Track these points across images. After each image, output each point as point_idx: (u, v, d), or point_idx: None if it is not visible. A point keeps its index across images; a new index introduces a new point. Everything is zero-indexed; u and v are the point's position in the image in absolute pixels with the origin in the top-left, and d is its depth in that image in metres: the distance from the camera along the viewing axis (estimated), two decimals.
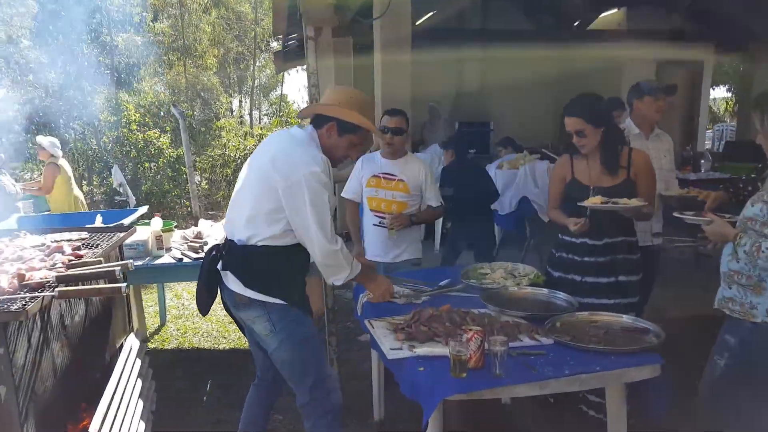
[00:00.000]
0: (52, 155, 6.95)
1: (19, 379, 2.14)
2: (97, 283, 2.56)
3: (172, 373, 4.56)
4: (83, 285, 2.42)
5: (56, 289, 2.25)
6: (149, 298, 6.38)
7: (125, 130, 13.73)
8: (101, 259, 2.62)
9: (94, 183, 14.77)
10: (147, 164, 13.73)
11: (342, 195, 4.23)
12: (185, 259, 4.26)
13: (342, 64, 9.16)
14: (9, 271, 2.43)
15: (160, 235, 4.41)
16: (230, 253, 2.65)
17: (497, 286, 3.29)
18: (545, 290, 3.19)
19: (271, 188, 2.52)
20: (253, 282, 2.61)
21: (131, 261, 2.57)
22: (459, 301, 3.06)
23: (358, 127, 2.64)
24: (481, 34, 11.32)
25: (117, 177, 8.54)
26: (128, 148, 13.72)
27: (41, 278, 2.38)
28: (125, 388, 3.19)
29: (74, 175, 7.57)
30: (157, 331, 5.61)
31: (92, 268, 2.48)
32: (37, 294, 2.20)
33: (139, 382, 3.50)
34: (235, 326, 3.75)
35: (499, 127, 11.26)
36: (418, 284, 3.35)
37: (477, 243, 5.32)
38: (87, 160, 14.54)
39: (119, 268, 2.40)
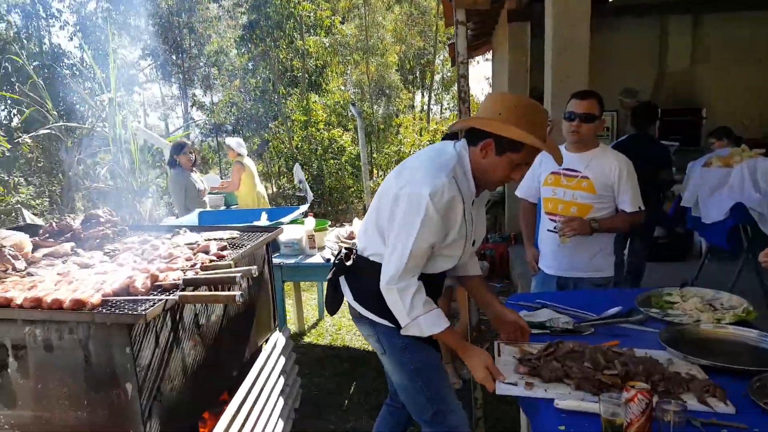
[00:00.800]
0: (239, 154, 7.59)
1: (143, 379, 2.18)
2: (223, 288, 2.52)
3: (319, 370, 4.60)
4: (207, 289, 2.41)
5: (178, 293, 2.25)
6: (313, 290, 6.61)
7: (313, 129, 14.73)
8: (231, 263, 2.59)
9: (284, 180, 16.17)
10: (331, 161, 14.57)
11: (515, 192, 3.74)
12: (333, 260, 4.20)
13: (516, 54, 8.52)
14: (150, 270, 2.52)
15: (313, 234, 4.44)
16: (348, 259, 2.43)
17: (686, 321, 2.58)
18: (755, 332, 2.40)
19: (387, 200, 2.24)
20: (360, 296, 2.38)
21: (255, 267, 2.50)
22: (633, 339, 2.43)
23: (523, 145, 2.11)
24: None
25: (297, 174, 9.09)
26: (315, 146, 14.69)
27: (174, 280, 2.41)
28: (263, 386, 3.20)
29: (272, 171, 8.17)
30: (315, 324, 5.77)
31: (217, 273, 2.45)
32: (159, 297, 2.21)
33: (282, 380, 3.51)
34: None
35: (713, 115, 9.35)
36: (577, 313, 2.77)
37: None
38: (282, 158, 15.95)
39: (239, 274, 2.33)
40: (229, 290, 2.38)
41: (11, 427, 2.26)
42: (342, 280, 2.49)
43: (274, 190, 16.16)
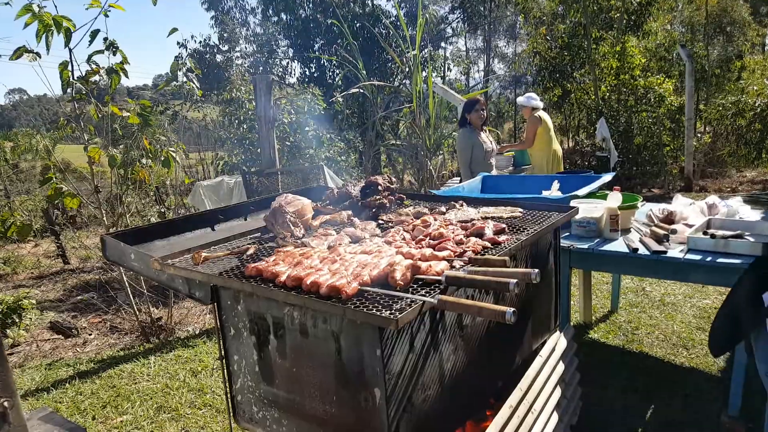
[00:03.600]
0: (533, 108, 6.92)
1: (393, 386, 1.89)
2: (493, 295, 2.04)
3: (604, 380, 3.80)
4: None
5: (437, 297, 1.85)
6: (604, 274, 5.66)
7: (626, 77, 12.87)
8: (506, 259, 2.08)
9: (582, 135, 14.70)
10: (644, 113, 12.58)
11: None
12: (642, 250, 3.31)
13: None
14: (414, 255, 2.20)
15: (617, 214, 3.59)
16: None
17: None
18: None
19: None
20: None
21: (536, 271, 1.93)
22: None
23: None
24: None
25: (602, 130, 7.96)
26: (625, 97, 12.86)
27: (436, 273, 2.04)
28: (535, 399, 2.69)
29: (570, 125, 7.40)
30: (604, 318, 4.85)
31: (486, 273, 1.97)
32: (415, 298, 1.85)
33: (558, 390, 2.94)
34: (706, 336, 2.68)
35: None
36: None
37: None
38: (584, 111, 14.53)
39: (514, 281, 1.81)
40: (500, 298, 1.88)
41: (269, 403, 2.26)
42: None
43: (570, 145, 14.91)
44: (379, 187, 3.02)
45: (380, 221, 2.85)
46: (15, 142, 11.57)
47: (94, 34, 4.76)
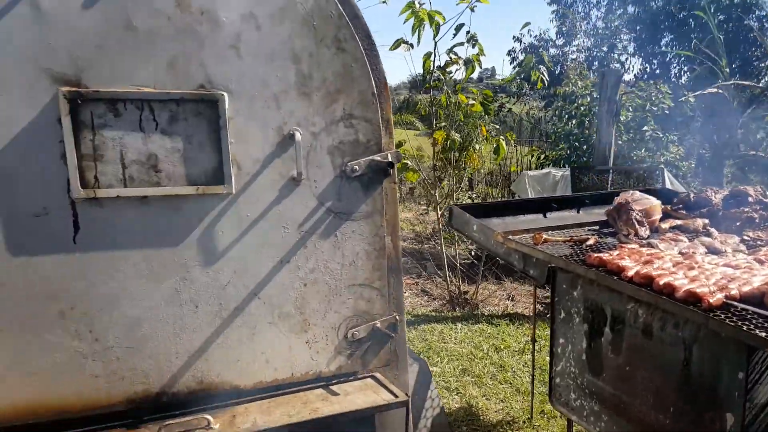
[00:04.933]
0: None
1: (752, 417, 1.68)
2: None
3: None
4: None
5: None
6: None
7: None
8: None
9: None
10: None
11: None
12: None
13: None
14: None
15: None
16: None
17: None
18: None
19: None
20: None
21: None
22: None
23: None
24: None
25: None
26: None
27: None
28: None
29: None
30: None
31: None
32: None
33: None
34: None
35: None
36: None
37: None
38: None
39: None
40: None
41: (590, 394, 2.23)
42: None
43: None
44: (750, 199, 2.64)
45: (745, 237, 2.49)
46: None
47: (459, 27, 5.31)
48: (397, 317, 2.03)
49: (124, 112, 1.61)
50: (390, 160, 1.87)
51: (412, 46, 5.53)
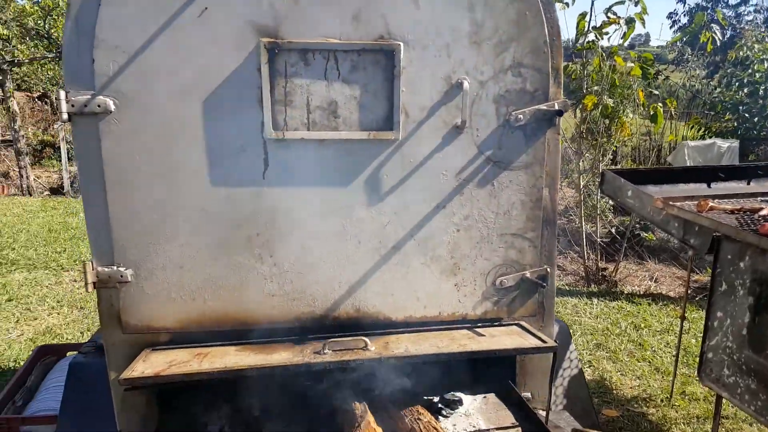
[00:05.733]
0: None
1: None
2: None
3: None
4: None
5: None
6: None
7: None
8: None
9: None
10: None
11: None
12: None
13: None
14: None
15: None
16: None
17: None
18: None
19: None
20: None
21: None
22: None
23: None
24: None
25: None
26: None
27: None
28: None
29: None
30: None
31: None
32: None
33: None
34: None
35: None
36: None
37: None
38: None
39: None
40: None
41: (747, 371, 2.09)
42: None
43: None
44: None
45: None
46: None
47: None
48: (548, 269, 2.07)
49: (313, 61, 1.81)
50: (558, 108, 1.88)
51: (567, 5, 5.30)
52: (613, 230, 7.18)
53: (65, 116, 1.77)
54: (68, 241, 7.49)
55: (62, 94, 1.75)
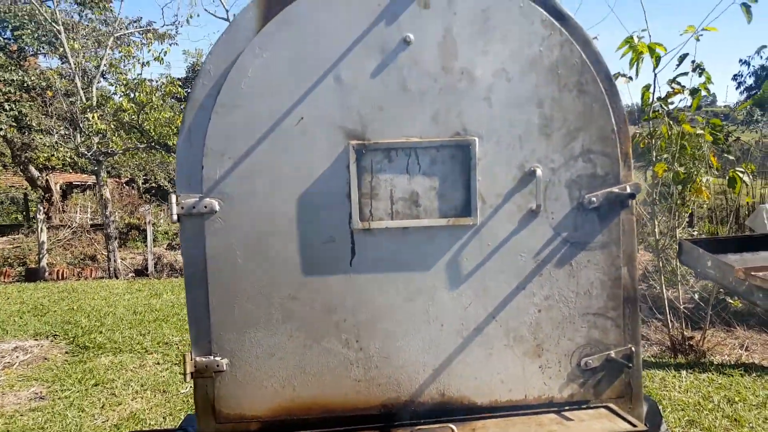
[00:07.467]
0: None
1: None
2: None
3: None
4: None
5: None
6: None
7: None
8: None
9: None
10: None
11: None
12: None
13: None
14: None
15: None
16: None
17: None
18: None
19: None
20: None
21: None
22: None
23: None
24: None
25: None
26: None
27: None
28: None
29: None
30: None
31: None
32: None
33: None
34: None
35: None
36: None
37: None
38: None
39: None
40: None
41: None
42: None
43: None
44: None
45: None
46: None
47: (682, 57, 5.02)
48: (633, 348, 2.04)
49: (396, 158, 1.97)
50: (630, 191, 1.93)
51: (631, 78, 5.38)
52: (695, 296, 6.83)
53: (175, 217, 1.98)
54: (152, 323, 7.89)
55: (173, 197, 1.97)
